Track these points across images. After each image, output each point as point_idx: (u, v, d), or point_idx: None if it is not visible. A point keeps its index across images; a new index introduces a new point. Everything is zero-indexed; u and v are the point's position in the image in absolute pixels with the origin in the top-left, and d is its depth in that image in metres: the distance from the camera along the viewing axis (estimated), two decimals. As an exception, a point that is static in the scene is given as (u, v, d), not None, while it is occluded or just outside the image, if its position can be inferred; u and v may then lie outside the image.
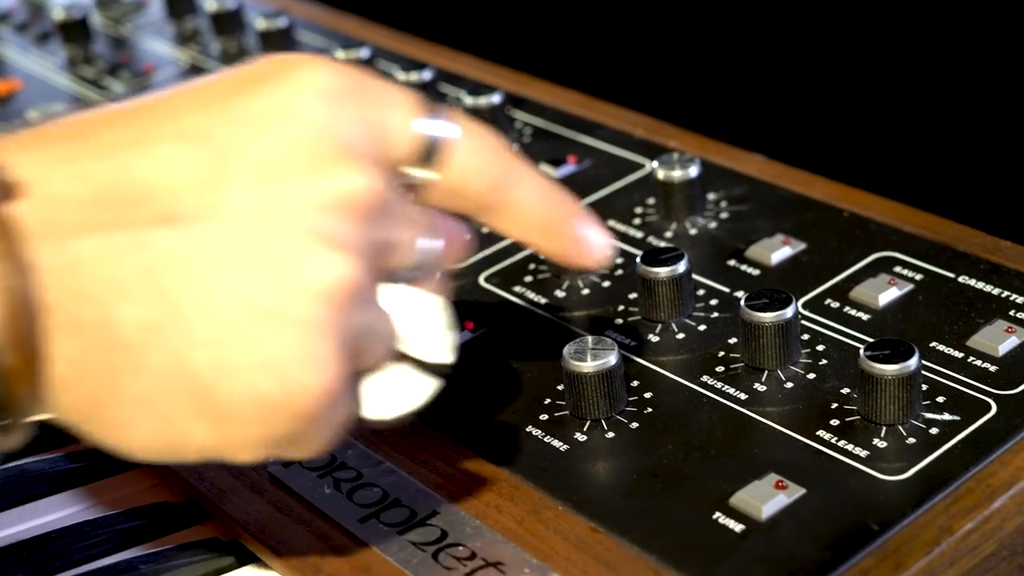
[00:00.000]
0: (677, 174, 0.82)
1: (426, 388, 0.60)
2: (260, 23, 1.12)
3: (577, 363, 0.69)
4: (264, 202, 0.52)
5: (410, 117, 0.57)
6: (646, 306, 0.76)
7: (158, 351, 0.51)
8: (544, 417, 0.70)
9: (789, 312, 0.70)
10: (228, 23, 1.17)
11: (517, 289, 0.80)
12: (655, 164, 0.83)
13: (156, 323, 0.51)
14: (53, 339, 0.50)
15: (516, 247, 0.83)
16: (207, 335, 0.51)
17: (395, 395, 0.59)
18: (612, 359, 0.69)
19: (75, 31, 1.20)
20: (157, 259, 0.51)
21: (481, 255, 0.83)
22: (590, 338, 0.69)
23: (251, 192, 0.52)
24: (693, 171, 0.82)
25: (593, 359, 0.69)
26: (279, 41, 1.11)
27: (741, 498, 0.64)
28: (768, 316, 0.70)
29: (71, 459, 0.75)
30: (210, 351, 0.51)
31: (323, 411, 0.53)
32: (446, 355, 0.59)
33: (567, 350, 0.69)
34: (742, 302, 0.70)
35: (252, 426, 0.52)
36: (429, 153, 0.58)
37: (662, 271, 0.74)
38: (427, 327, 0.59)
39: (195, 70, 1.15)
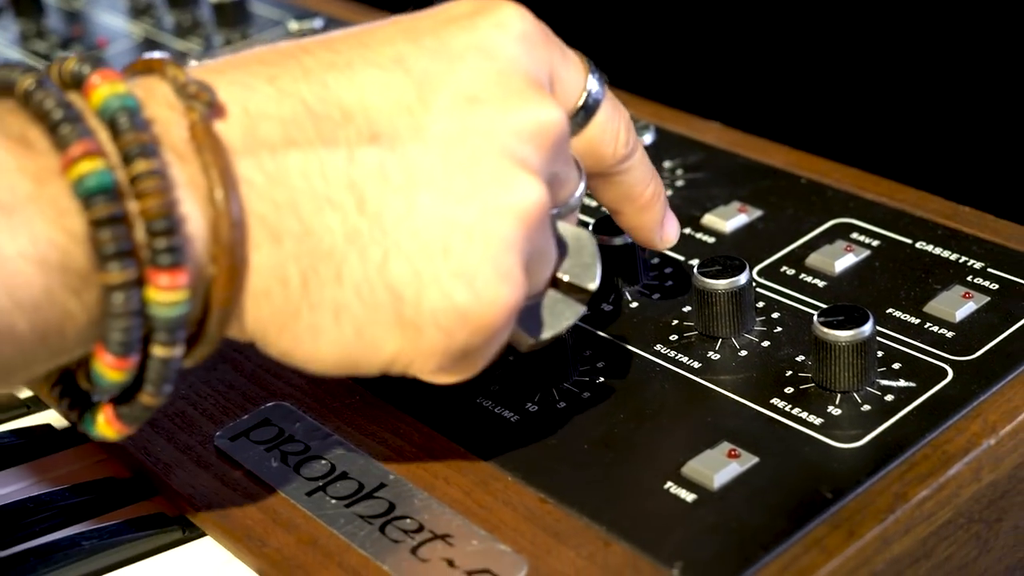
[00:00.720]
0: (632, 141, 0.81)
1: (574, 312, 0.62)
2: (214, -5, 1.10)
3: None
4: (463, 126, 0.55)
5: (582, 73, 0.63)
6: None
7: (359, 261, 0.54)
8: (495, 388, 0.69)
9: (742, 279, 0.69)
10: (182, -4, 1.15)
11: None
12: (610, 132, 0.82)
13: (358, 234, 0.54)
14: (256, 249, 0.53)
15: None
16: (408, 247, 0.54)
17: (547, 318, 0.61)
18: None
19: (28, 5, 1.18)
20: (361, 174, 0.54)
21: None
22: (540, 307, 0.68)
23: (451, 116, 0.55)
24: (647, 138, 0.81)
25: (545, 328, 0.67)
26: (233, 13, 1.09)
27: (693, 467, 0.63)
28: (721, 283, 0.69)
29: (17, 435, 0.74)
30: (410, 262, 0.54)
31: (504, 325, 0.56)
32: (595, 282, 0.62)
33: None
34: (695, 270, 0.69)
35: (439, 336, 0.55)
36: (587, 109, 0.63)
37: (615, 239, 0.73)
38: (579, 256, 0.62)
39: (149, 43, 1.13)
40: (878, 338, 0.68)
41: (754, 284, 0.73)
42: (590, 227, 0.74)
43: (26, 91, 0.51)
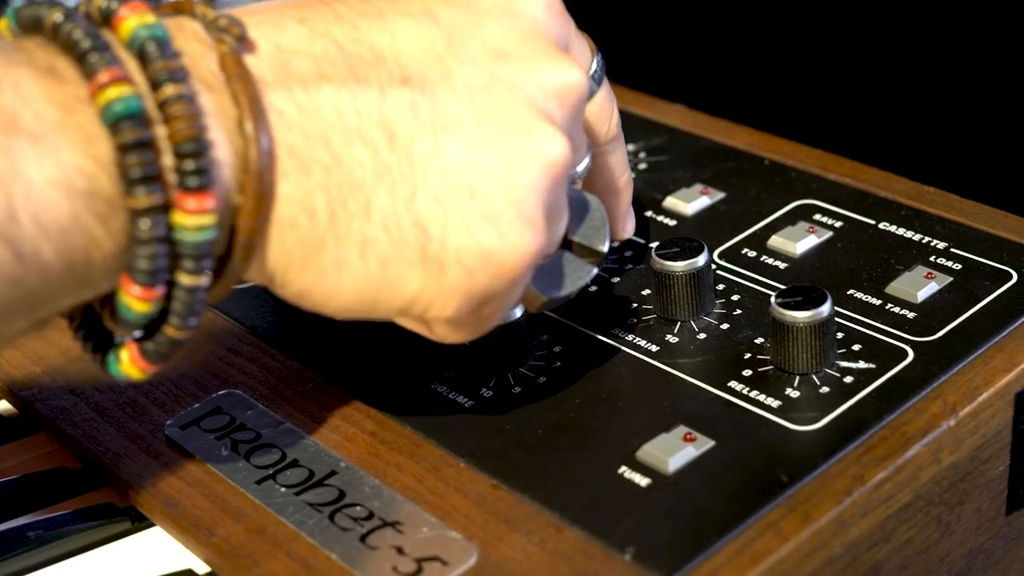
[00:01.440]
0: (593, 124, 0.80)
1: (586, 273, 0.63)
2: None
3: (481, 316, 0.66)
4: (491, 76, 0.56)
5: (589, 52, 0.66)
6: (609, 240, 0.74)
7: (388, 196, 0.54)
8: (450, 373, 0.68)
9: (701, 261, 0.68)
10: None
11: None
12: (570, 114, 0.81)
13: (388, 169, 0.54)
14: (285, 178, 0.53)
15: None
16: (436, 185, 0.55)
17: (559, 278, 0.62)
18: (516, 311, 0.66)
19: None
20: (393, 112, 0.55)
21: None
22: (494, 291, 0.67)
23: (479, 66, 0.56)
24: (609, 121, 0.80)
25: (498, 312, 0.66)
26: None
27: (648, 451, 0.62)
28: (679, 265, 0.68)
29: (-33, 427, 0.73)
30: (437, 200, 0.55)
31: (524, 272, 0.57)
32: (605, 244, 0.63)
33: (471, 303, 0.67)
34: (652, 252, 0.68)
35: (462, 276, 0.55)
36: (593, 83, 0.66)
37: (573, 223, 0.72)
38: (590, 220, 0.63)
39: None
40: (838, 320, 0.67)
41: (714, 267, 0.72)
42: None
43: (54, 24, 0.51)
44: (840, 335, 0.66)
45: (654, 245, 0.69)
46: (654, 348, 0.68)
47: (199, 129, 0.51)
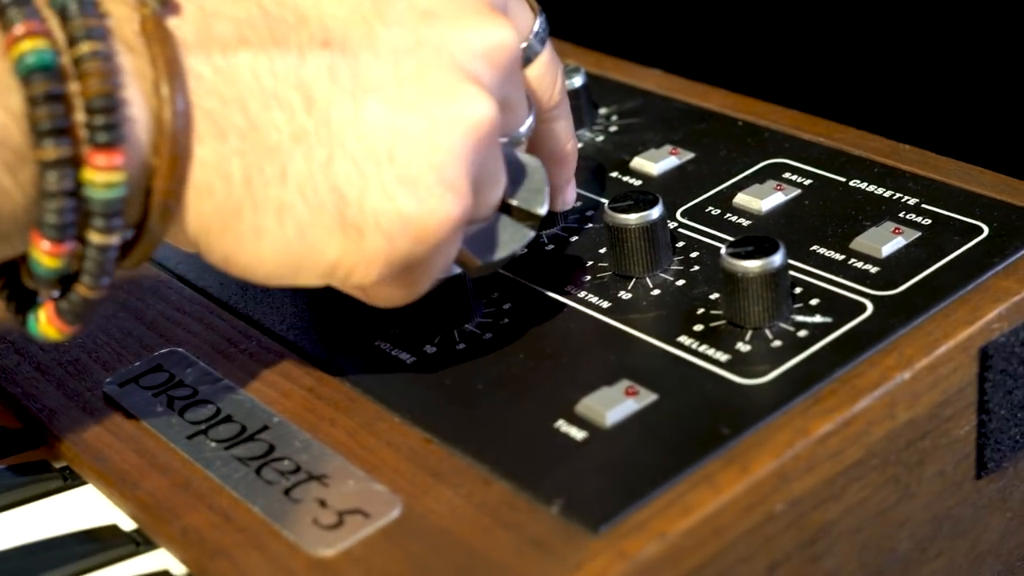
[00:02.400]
0: (561, 84, 0.78)
1: (523, 236, 0.62)
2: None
3: (425, 270, 0.64)
4: (416, 37, 0.55)
5: (532, 13, 0.65)
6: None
7: (304, 160, 0.53)
8: (395, 331, 0.66)
9: (655, 214, 0.65)
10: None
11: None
12: (538, 75, 0.79)
13: (305, 133, 0.53)
14: (200, 142, 0.52)
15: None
16: (353, 149, 0.54)
17: (496, 242, 0.61)
18: (455, 268, 0.64)
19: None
20: (310, 75, 0.54)
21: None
22: (438, 244, 0.65)
23: (404, 27, 0.55)
24: (577, 80, 0.78)
25: (441, 265, 0.64)
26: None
27: (586, 404, 0.59)
28: (632, 218, 0.65)
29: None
30: (355, 164, 0.54)
31: (446, 238, 0.55)
32: (543, 207, 0.62)
33: (415, 257, 0.65)
34: (605, 205, 0.66)
35: (381, 241, 0.54)
36: (532, 49, 0.64)
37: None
38: (528, 182, 0.62)
39: None
40: (798, 275, 0.65)
41: (672, 223, 0.70)
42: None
43: None
44: (798, 290, 0.64)
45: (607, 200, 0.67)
46: (605, 304, 0.65)
47: (112, 86, 0.50)
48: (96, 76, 0.50)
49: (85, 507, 0.62)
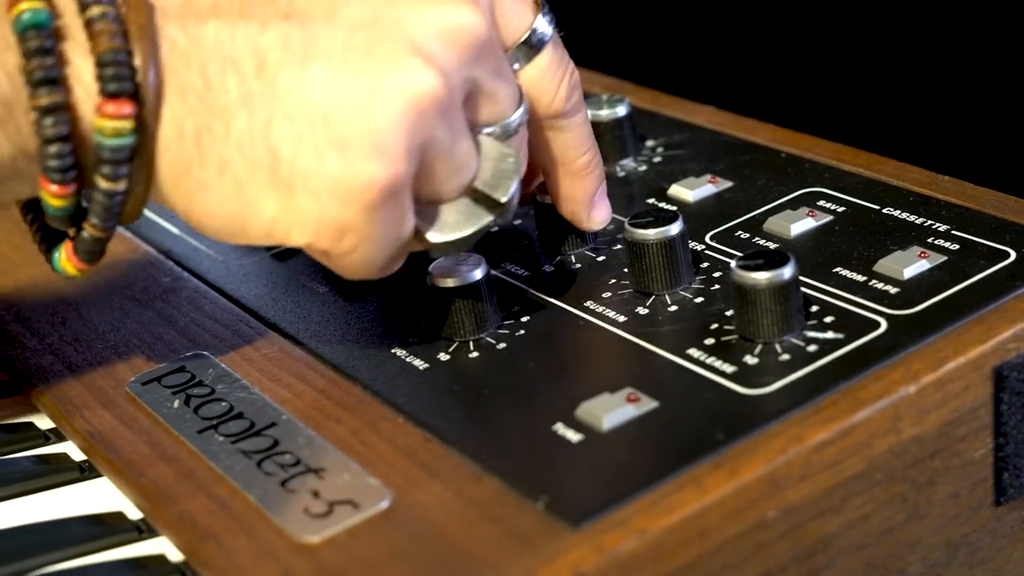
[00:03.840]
0: (604, 113, 0.78)
1: (480, 220, 0.61)
2: None
3: (442, 278, 0.65)
4: (375, 14, 0.57)
5: (531, 9, 0.65)
6: (543, 238, 0.72)
7: (247, 119, 0.56)
8: (413, 339, 0.67)
9: (674, 229, 0.65)
10: None
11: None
12: (583, 105, 0.79)
13: (251, 96, 0.56)
14: (165, 102, 0.56)
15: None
16: (293, 111, 0.56)
17: (452, 221, 0.61)
18: (477, 273, 0.65)
19: None
20: (266, 43, 0.57)
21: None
22: (458, 255, 0.66)
23: (366, 5, 0.57)
24: (621, 110, 0.78)
25: (458, 273, 0.65)
26: None
27: (585, 409, 0.59)
28: (651, 233, 0.65)
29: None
30: (292, 126, 0.56)
31: (374, 203, 0.56)
32: (506, 195, 0.61)
33: (433, 266, 0.66)
34: (626, 222, 0.66)
35: (310, 201, 0.56)
36: (530, 45, 0.65)
37: (548, 197, 0.70)
38: (497, 170, 0.62)
39: None
40: (816, 295, 0.64)
41: (700, 245, 0.70)
42: (535, 190, 0.71)
43: None
44: (814, 308, 0.63)
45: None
46: (622, 319, 0.65)
47: (120, 43, 0.55)
48: (106, 34, 0.55)
49: (96, 496, 0.64)
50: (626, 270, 0.69)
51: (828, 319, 0.62)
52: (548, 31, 0.65)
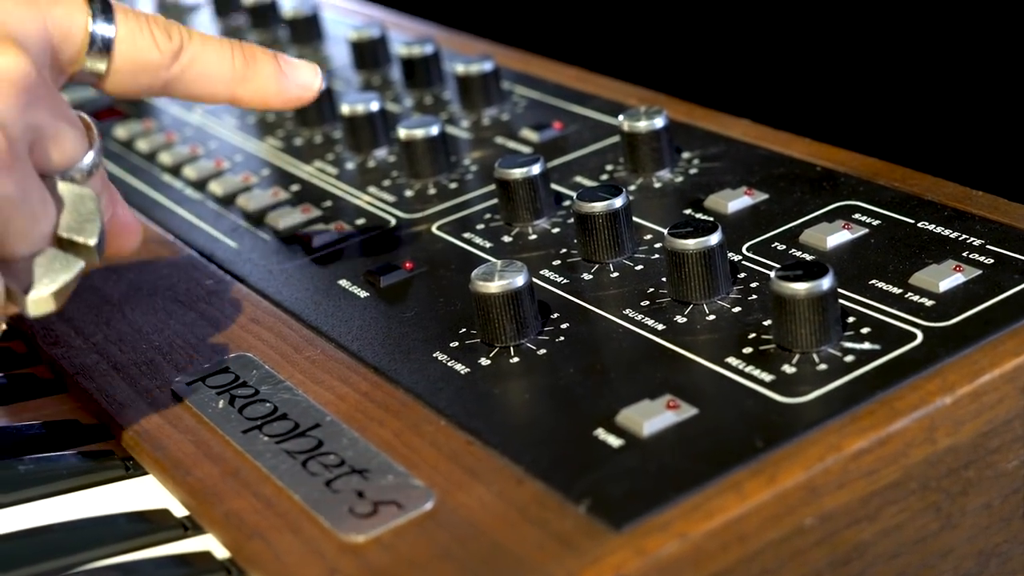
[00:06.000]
0: (642, 125, 0.79)
1: (70, 267, 0.59)
2: None
3: (483, 283, 0.66)
4: None
5: (84, 13, 0.63)
6: (583, 245, 0.73)
7: None
8: (454, 344, 0.68)
9: (713, 240, 0.66)
10: None
11: (466, 235, 0.78)
12: (621, 117, 0.80)
13: None
14: None
15: (472, 202, 0.81)
16: None
17: (39, 274, 0.59)
18: (519, 280, 0.66)
19: None
20: None
21: (437, 208, 0.81)
22: (499, 261, 0.67)
23: None
24: (659, 122, 0.79)
25: (500, 279, 0.66)
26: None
27: (626, 415, 0.60)
28: (691, 243, 0.66)
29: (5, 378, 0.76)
30: None
31: None
32: (93, 237, 0.60)
33: (475, 272, 0.67)
34: (666, 232, 0.67)
35: None
36: (97, 40, 0.63)
37: (597, 206, 0.71)
38: (77, 213, 0.60)
39: None
40: (852, 306, 0.65)
41: (737, 255, 0.70)
42: (575, 196, 0.72)
43: None
44: (851, 319, 0.64)
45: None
46: (660, 327, 0.66)
47: None
48: None
49: (142, 494, 0.65)
50: (664, 279, 0.69)
51: (865, 330, 0.63)
52: (107, 16, 0.63)
